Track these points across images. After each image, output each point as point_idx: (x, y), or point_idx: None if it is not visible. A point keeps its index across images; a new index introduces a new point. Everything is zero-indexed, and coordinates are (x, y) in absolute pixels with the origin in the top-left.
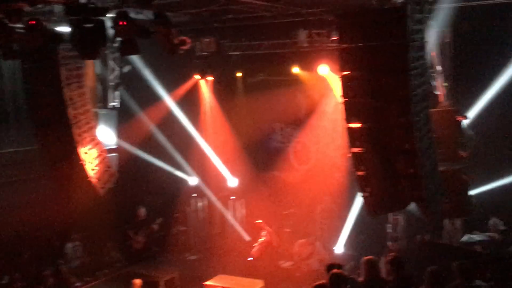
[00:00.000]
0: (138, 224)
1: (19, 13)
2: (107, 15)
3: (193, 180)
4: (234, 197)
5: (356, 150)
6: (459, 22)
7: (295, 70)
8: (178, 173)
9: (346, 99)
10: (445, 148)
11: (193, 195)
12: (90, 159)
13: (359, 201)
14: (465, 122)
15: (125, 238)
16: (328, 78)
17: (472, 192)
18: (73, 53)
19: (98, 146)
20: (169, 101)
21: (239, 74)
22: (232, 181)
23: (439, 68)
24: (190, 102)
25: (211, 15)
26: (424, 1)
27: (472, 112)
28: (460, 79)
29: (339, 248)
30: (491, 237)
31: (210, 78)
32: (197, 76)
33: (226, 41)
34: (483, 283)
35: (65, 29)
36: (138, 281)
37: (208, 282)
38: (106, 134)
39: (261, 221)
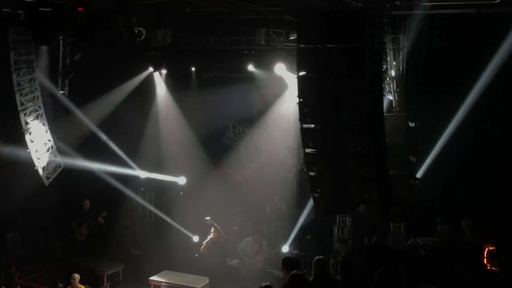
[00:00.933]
0: (82, 216)
1: None
2: None
3: (142, 174)
4: (182, 193)
5: (309, 150)
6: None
7: (251, 68)
8: (124, 170)
9: (302, 100)
10: (395, 152)
11: (141, 189)
12: (36, 147)
13: (307, 201)
14: (416, 128)
15: (68, 230)
16: (284, 77)
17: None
18: (24, 38)
19: (46, 134)
20: (121, 92)
21: (193, 69)
22: (181, 178)
23: (393, 73)
24: (142, 94)
25: (169, 7)
26: (383, 7)
27: (423, 118)
28: (413, 85)
29: (285, 247)
30: (434, 242)
31: (164, 71)
32: (151, 68)
33: (182, 34)
34: (429, 286)
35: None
36: (77, 276)
37: (153, 278)
38: (54, 123)
39: (209, 218)
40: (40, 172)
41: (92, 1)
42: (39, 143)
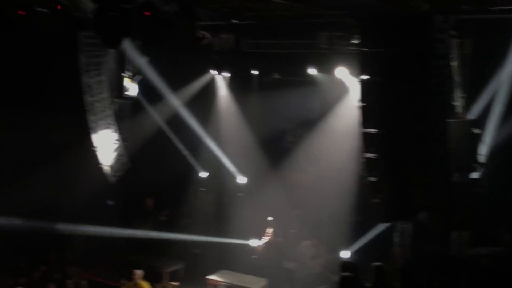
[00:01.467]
0: (145, 214)
1: None
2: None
3: (203, 174)
4: (242, 194)
5: (369, 155)
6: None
7: (311, 71)
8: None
9: (364, 104)
10: (459, 159)
11: (202, 189)
12: (103, 146)
13: (368, 207)
14: (480, 134)
15: (131, 228)
16: (345, 81)
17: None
18: (94, 41)
19: (112, 134)
20: (185, 94)
21: (254, 72)
22: (241, 178)
23: (458, 78)
24: (205, 97)
25: (231, 11)
26: (448, 11)
27: (488, 125)
28: (479, 91)
29: (344, 252)
30: (499, 252)
31: (227, 74)
32: (213, 72)
33: (244, 38)
34: None
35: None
36: (139, 272)
37: (210, 277)
38: (121, 123)
39: (271, 218)
40: (106, 170)
41: (158, 6)
42: (106, 142)
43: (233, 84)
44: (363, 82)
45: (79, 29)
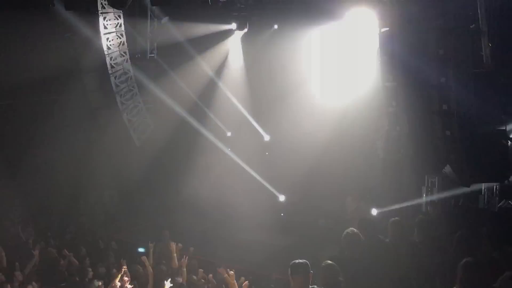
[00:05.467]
0: None
1: None
2: None
3: (228, 133)
4: (267, 153)
5: (391, 109)
6: None
7: None
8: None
9: (384, 57)
10: (486, 111)
11: (228, 149)
12: (127, 109)
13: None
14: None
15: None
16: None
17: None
18: None
19: (135, 97)
20: (207, 56)
21: (275, 27)
22: (266, 136)
23: (484, 27)
24: (225, 54)
25: None
26: None
27: None
28: (507, 40)
29: (376, 209)
30: None
31: (245, 30)
32: (233, 28)
33: None
34: None
35: None
36: (167, 232)
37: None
38: (144, 85)
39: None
40: (132, 133)
41: None
42: (129, 105)
43: (254, 40)
44: (382, 35)
45: None
